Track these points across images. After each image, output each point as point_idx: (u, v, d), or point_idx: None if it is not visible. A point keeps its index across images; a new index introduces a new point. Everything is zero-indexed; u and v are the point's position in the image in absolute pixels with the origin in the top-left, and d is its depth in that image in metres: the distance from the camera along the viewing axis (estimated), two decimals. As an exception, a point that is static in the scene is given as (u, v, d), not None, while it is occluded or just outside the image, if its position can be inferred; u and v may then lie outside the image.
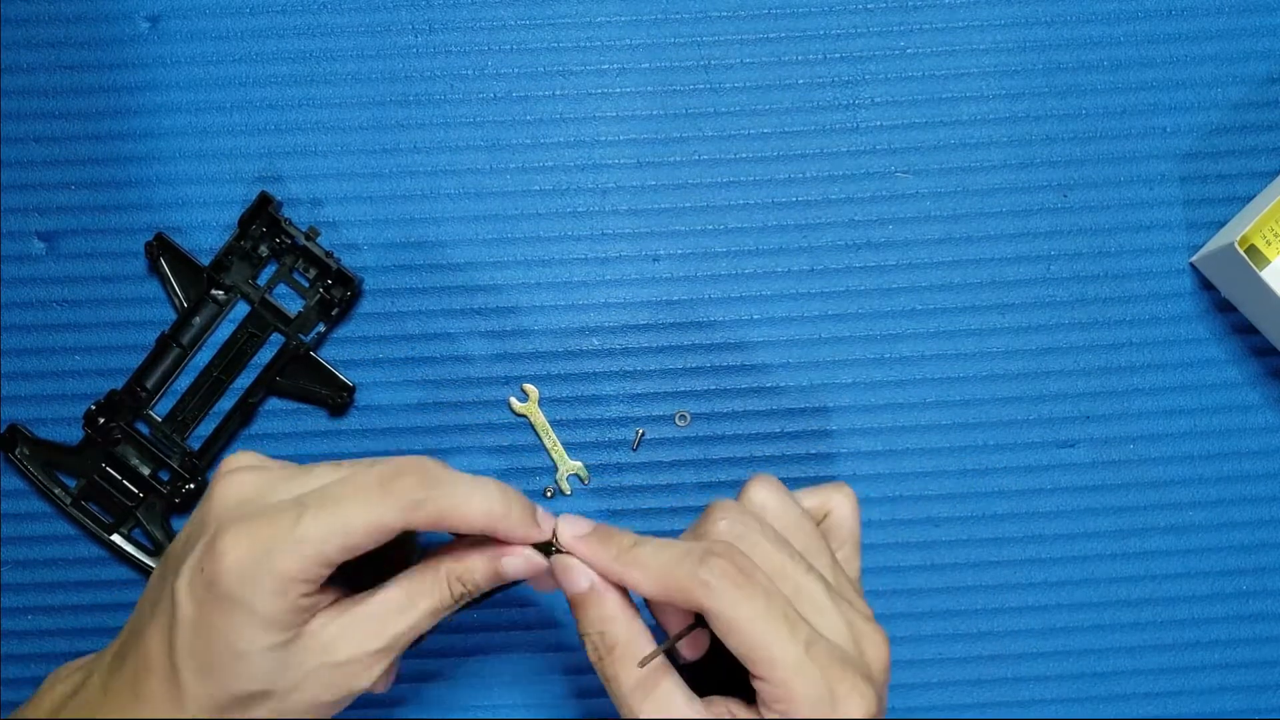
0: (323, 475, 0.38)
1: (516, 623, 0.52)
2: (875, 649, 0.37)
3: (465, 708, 0.52)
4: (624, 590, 0.39)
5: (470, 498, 0.38)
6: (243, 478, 0.39)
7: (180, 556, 0.38)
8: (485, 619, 0.52)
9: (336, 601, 0.39)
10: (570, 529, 0.39)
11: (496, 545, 0.40)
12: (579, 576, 0.38)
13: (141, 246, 0.53)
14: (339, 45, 0.54)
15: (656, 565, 0.37)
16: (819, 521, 0.42)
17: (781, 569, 0.37)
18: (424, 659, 0.52)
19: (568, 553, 0.39)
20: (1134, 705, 0.52)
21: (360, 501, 0.37)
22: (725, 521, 0.38)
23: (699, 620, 0.38)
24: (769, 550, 0.37)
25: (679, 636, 0.38)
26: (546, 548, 0.39)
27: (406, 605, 0.39)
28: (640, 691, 0.37)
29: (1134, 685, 0.52)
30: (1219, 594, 0.53)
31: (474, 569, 0.39)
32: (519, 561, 0.39)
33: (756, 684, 0.36)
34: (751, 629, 0.35)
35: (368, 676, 0.38)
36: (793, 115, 0.54)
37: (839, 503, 0.42)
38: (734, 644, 0.36)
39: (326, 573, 0.37)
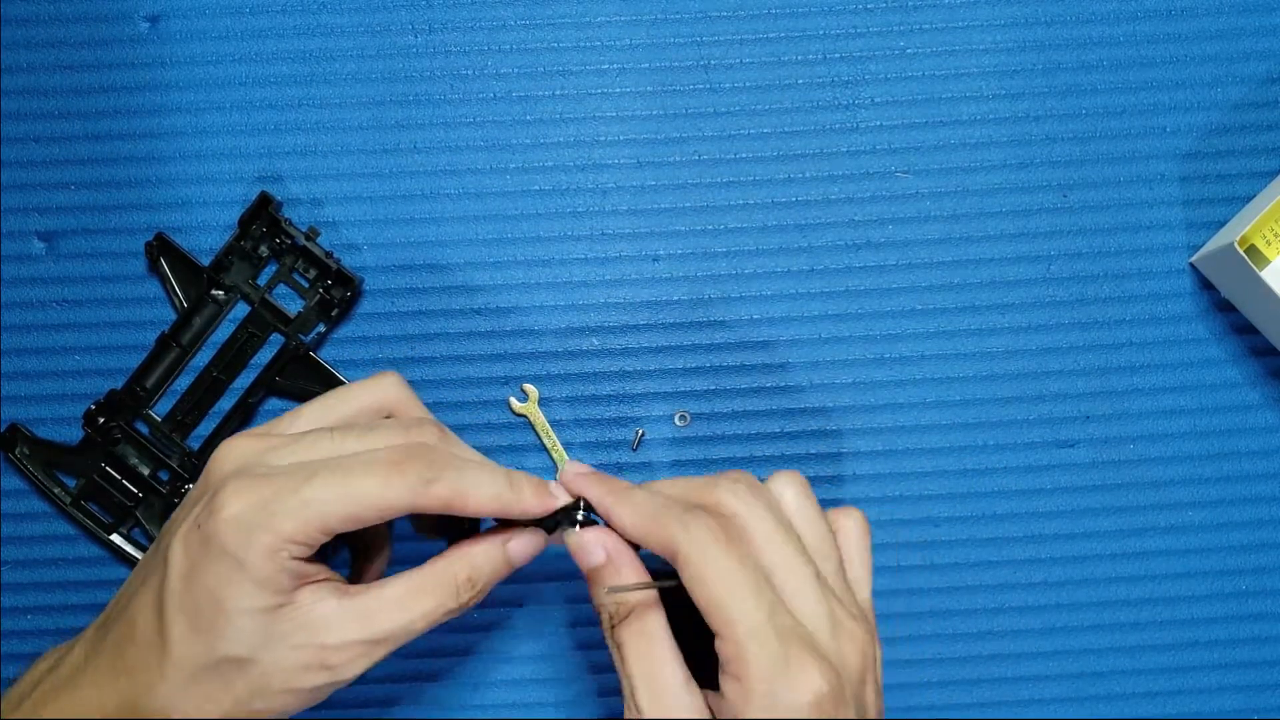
0: (323, 447, 0.38)
1: (513, 627, 0.52)
2: (853, 644, 0.37)
3: (461, 708, 0.52)
4: (638, 564, 0.39)
5: (479, 482, 0.38)
6: (242, 442, 0.39)
7: (177, 521, 0.38)
8: (485, 618, 0.52)
9: (329, 581, 0.38)
10: (573, 468, 0.41)
11: (501, 531, 0.40)
12: (594, 550, 0.39)
13: (141, 246, 0.53)
14: (339, 45, 0.54)
15: (646, 507, 0.38)
16: None
17: (776, 547, 0.37)
18: (420, 659, 0.52)
19: (574, 497, 0.40)
20: (1133, 705, 0.52)
21: (371, 476, 0.37)
22: (727, 486, 0.38)
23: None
24: (768, 527, 0.37)
25: (665, 579, 0.38)
26: (551, 523, 0.40)
27: (403, 602, 0.38)
28: (642, 662, 0.37)
29: (1133, 685, 0.52)
30: (1218, 594, 0.53)
31: (480, 565, 0.40)
32: (526, 544, 0.40)
33: (718, 645, 0.36)
34: (718, 583, 0.35)
35: (352, 668, 0.37)
36: (793, 115, 0.54)
37: (846, 526, 0.41)
38: (700, 596, 0.36)
39: (322, 540, 0.37)
